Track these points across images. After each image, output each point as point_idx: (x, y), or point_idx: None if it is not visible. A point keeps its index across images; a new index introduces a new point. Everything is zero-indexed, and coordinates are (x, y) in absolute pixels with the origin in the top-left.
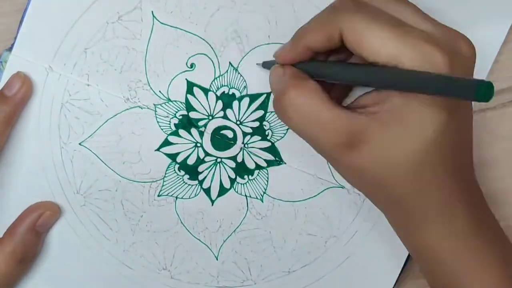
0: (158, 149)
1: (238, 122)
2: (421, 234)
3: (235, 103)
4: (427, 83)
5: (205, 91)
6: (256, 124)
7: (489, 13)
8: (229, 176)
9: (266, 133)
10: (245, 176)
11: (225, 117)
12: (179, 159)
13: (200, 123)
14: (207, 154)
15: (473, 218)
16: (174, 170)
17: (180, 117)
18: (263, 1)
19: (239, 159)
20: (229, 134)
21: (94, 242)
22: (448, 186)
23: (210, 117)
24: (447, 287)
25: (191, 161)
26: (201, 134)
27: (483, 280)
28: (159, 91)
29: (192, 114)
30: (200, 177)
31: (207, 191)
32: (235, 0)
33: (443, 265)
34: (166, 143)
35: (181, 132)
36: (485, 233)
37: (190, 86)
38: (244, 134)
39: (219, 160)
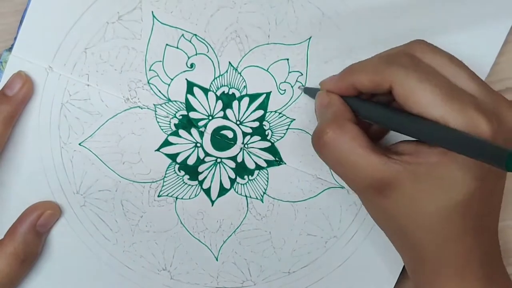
0: (158, 149)
1: (238, 122)
2: (433, 283)
3: (235, 103)
4: (461, 143)
5: (205, 91)
6: (256, 124)
7: (489, 14)
8: (229, 177)
9: (266, 133)
10: (245, 176)
11: (225, 117)
12: (179, 159)
13: (200, 123)
14: (207, 154)
15: (486, 277)
16: (174, 170)
17: (180, 117)
18: (263, 1)
19: (239, 159)
20: (229, 134)
21: (94, 243)
22: (467, 244)
23: (210, 117)
24: None
25: (191, 161)
26: (201, 134)
27: None
28: (159, 91)
29: (192, 114)
30: (200, 177)
31: (207, 192)
32: (235, 0)
33: None
34: (166, 143)
35: (181, 132)
36: None
37: (190, 86)
38: (244, 134)
39: (219, 160)
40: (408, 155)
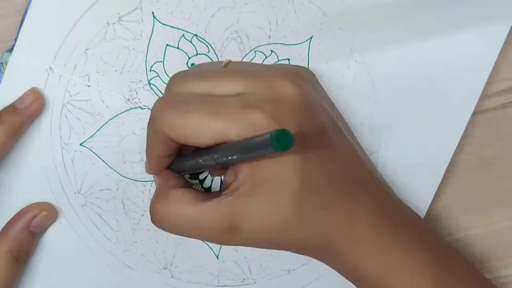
0: None
1: None
2: (341, 262)
3: None
4: (235, 152)
5: None
6: None
7: (490, 13)
8: None
9: None
10: None
11: None
12: None
13: None
14: None
15: (388, 229)
16: None
17: None
18: (263, 1)
19: None
20: None
21: (94, 242)
22: (341, 211)
23: None
24: None
25: None
26: None
27: None
28: (160, 92)
29: None
30: (201, 176)
31: (208, 190)
32: (235, 1)
33: (373, 283)
34: None
35: None
36: (408, 239)
37: None
38: None
39: None
40: (232, 183)
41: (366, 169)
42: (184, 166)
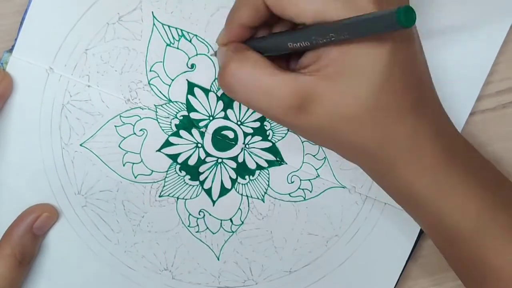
0: (159, 150)
1: (239, 123)
2: (395, 175)
3: (236, 103)
4: (350, 29)
5: (206, 91)
6: (257, 124)
7: (489, 13)
8: (230, 177)
9: (267, 133)
10: (246, 176)
11: (225, 117)
12: (180, 159)
13: (201, 124)
14: (208, 154)
15: (444, 151)
16: (175, 170)
17: (181, 117)
18: None
19: (240, 160)
20: (230, 134)
21: (95, 243)
22: (409, 123)
23: (211, 118)
24: (432, 226)
25: (192, 161)
26: (202, 134)
27: (464, 211)
28: (160, 92)
29: (193, 115)
30: (201, 177)
31: (208, 192)
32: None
33: (423, 203)
34: (167, 144)
35: (182, 132)
36: (461, 164)
37: (191, 87)
38: (245, 134)
39: (220, 160)
40: (312, 64)
41: (433, 88)
42: (263, 44)
